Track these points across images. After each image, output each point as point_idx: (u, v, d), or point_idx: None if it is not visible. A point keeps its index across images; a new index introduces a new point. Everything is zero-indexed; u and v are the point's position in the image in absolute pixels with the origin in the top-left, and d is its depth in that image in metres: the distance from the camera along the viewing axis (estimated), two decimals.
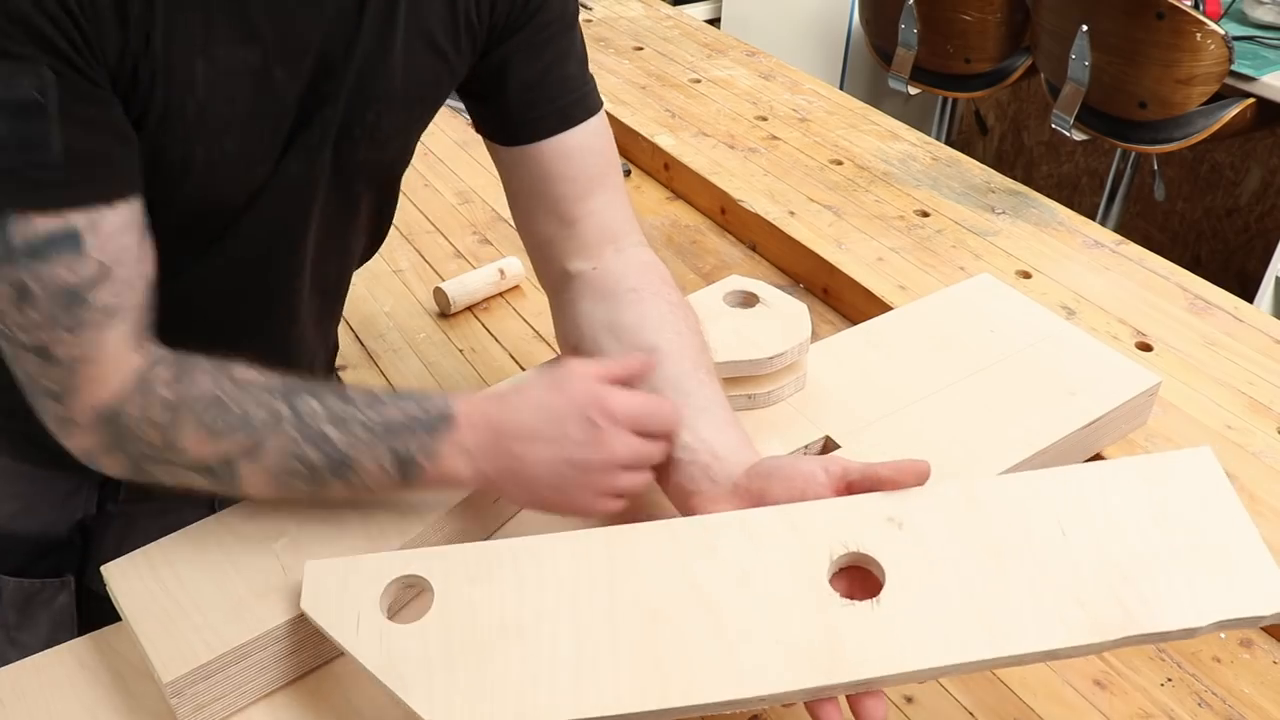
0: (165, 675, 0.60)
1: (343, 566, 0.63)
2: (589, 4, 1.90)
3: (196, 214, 0.67)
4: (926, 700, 0.71)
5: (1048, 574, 0.59)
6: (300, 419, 0.63)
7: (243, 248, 0.70)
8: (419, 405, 0.65)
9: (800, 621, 0.58)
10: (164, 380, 0.62)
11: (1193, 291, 1.13)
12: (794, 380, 0.88)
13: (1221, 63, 2.01)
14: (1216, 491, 0.65)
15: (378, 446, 0.64)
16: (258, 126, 0.64)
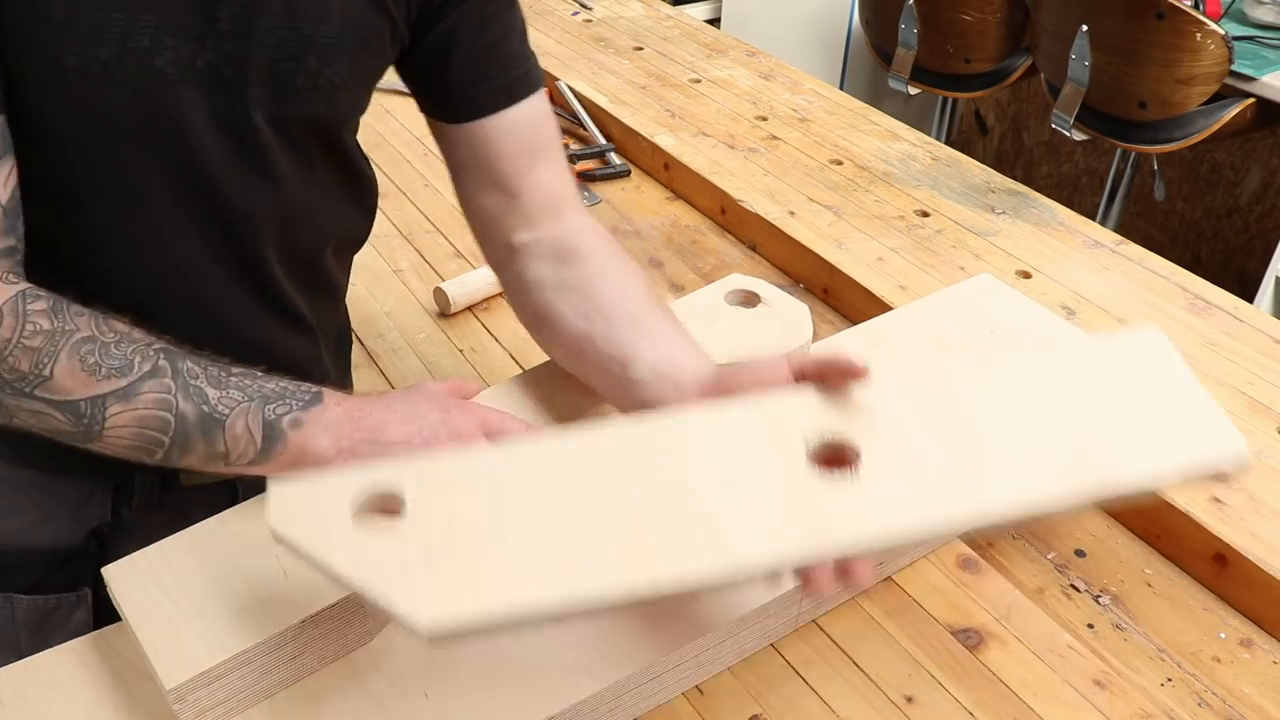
0: (168, 681, 0.60)
1: (310, 485, 0.59)
2: (589, 4, 1.90)
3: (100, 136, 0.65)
4: (926, 700, 0.71)
5: (1017, 440, 0.60)
6: (179, 374, 0.64)
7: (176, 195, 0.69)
8: (293, 385, 0.68)
9: (781, 498, 0.58)
10: (39, 310, 0.62)
11: (1193, 291, 1.13)
12: None
13: (1221, 63, 2.01)
14: (1169, 364, 0.67)
15: (250, 409, 0.65)
16: (138, 35, 0.62)
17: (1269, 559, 0.80)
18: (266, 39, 0.66)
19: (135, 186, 0.68)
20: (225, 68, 0.66)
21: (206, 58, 0.65)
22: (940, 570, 0.80)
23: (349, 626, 0.67)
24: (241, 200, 0.72)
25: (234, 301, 0.76)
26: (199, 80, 0.65)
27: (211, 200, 0.71)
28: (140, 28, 0.61)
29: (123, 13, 0.61)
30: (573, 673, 0.67)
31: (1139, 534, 0.88)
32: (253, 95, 0.67)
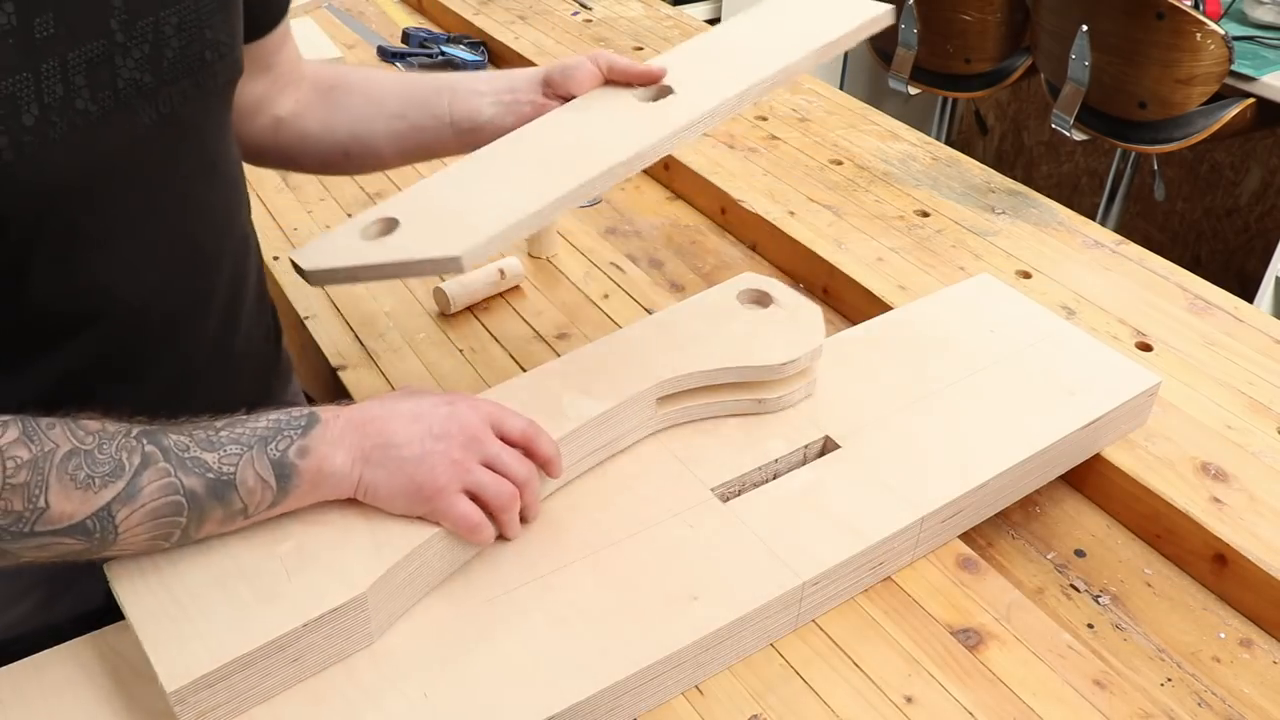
0: (169, 684, 0.60)
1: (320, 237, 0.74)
2: (589, 4, 1.90)
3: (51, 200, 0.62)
4: (926, 700, 0.71)
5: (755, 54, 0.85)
6: (170, 453, 0.62)
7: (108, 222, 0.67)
8: (283, 415, 0.66)
9: (638, 118, 0.81)
10: (11, 440, 0.57)
11: (1193, 291, 1.13)
12: (804, 386, 0.87)
13: (1221, 63, 2.01)
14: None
15: (255, 457, 0.64)
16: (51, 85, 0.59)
17: (1269, 559, 0.80)
18: (165, 30, 0.64)
19: (98, 235, 0.66)
20: (141, 76, 0.64)
21: (123, 75, 0.62)
22: (940, 570, 0.80)
23: (352, 629, 0.66)
24: (193, 202, 0.72)
25: (201, 299, 0.76)
26: (123, 104, 0.63)
27: (170, 219, 0.70)
28: (47, 78, 0.58)
29: (26, 70, 0.57)
30: (573, 673, 0.67)
31: (1139, 534, 0.88)
32: (172, 93, 0.66)
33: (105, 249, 0.67)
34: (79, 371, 0.70)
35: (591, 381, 0.82)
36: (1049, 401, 0.88)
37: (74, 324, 0.68)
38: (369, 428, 0.68)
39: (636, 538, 0.76)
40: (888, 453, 0.83)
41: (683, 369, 0.83)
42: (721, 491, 0.80)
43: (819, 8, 0.94)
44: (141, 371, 0.73)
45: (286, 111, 0.88)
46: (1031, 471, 0.85)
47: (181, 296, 0.74)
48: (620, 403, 0.80)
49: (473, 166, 0.79)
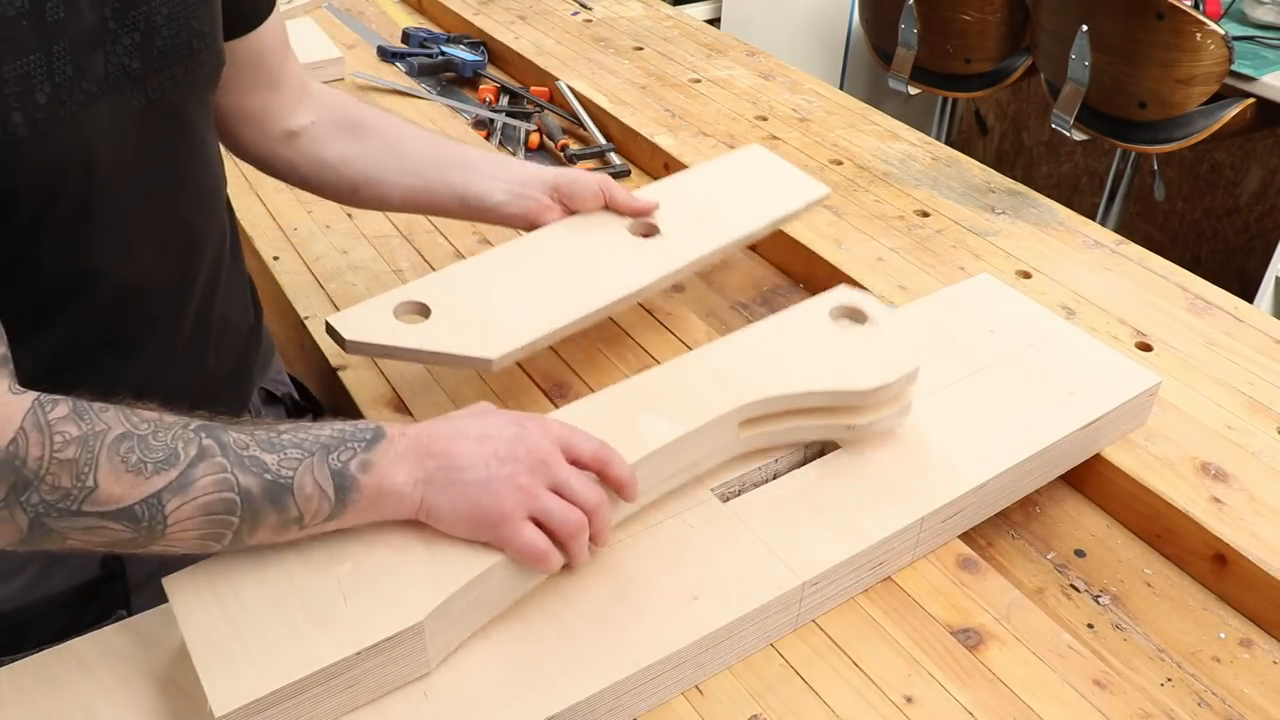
0: (218, 709, 0.58)
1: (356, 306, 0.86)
2: (589, 4, 1.90)
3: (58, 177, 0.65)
4: (926, 700, 0.71)
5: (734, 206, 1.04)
6: (228, 449, 0.60)
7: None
8: (349, 425, 0.65)
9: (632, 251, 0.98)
10: (61, 416, 0.57)
11: (1193, 291, 1.13)
12: (898, 411, 0.82)
13: (1221, 63, 2.01)
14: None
15: (315, 464, 0.62)
16: (61, 66, 0.62)
17: (1269, 559, 0.80)
18: (156, 20, 0.68)
19: (96, 214, 0.68)
20: (130, 62, 0.67)
21: (114, 61, 0.66)
22: (940, 570, 0.80)
23: (408, 657, 0.64)
24: (182, 184, 0.75)
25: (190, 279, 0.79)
26: (113, 87, 0.66)
27: (164, 199, 0.73)
28: (58, 59, 0.61)
29: (39, 51, 0.60)
30: (573, 673, 0.67)
31: (1139, 534, 0.88)
32: (161, 79, 0.69)
33: (107, 227, 0.69)
34: (77, 346, 0.71)
35: (671, 402, 0.77)
36: (1049, 401, 0.88)
37: (75, 299, 0.70)
38: (434, 447, 0.65)
39: (636, 538, 0.76)
40: (888, 453, 0.83)
41: (769, 391, 0.78)
42: (721, 491, 0.80)
43: (775, 181, 1.09)
44: (134, 346, 0.75)
45: (300, 128, 0.93)
46: (1031, 471, 0.85)
47: (172, 274, 0.76)
48: (700, 425, 0.76)
49: (494, 264, 0.92)
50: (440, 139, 0.98)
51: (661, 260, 0.95)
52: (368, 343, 0.82)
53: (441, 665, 0.67)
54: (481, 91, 1.60)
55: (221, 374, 0.86)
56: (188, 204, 0.76)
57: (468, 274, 0.91)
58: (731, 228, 1.01)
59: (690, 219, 1.01)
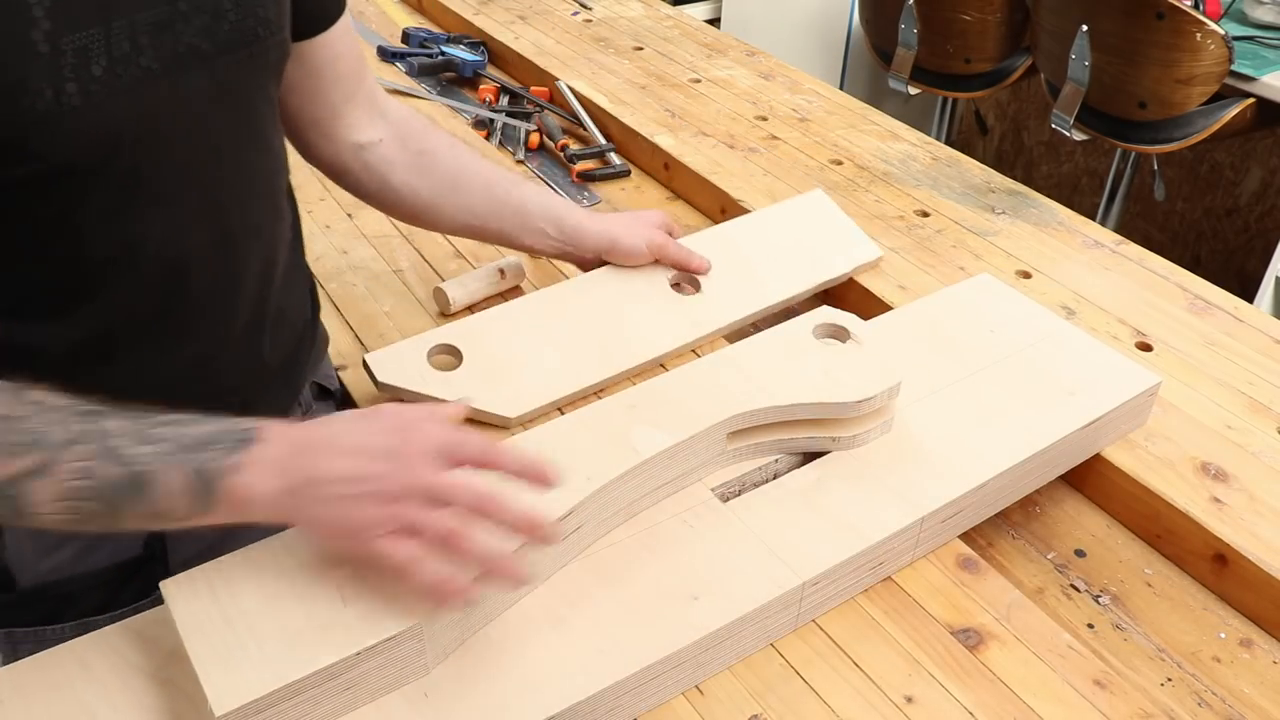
0: (218, 708, 0.59)
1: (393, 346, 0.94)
2: (589, 4, 1.90)
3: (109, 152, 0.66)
4: (927, 700, 0.71)
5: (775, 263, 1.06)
6: (100, 436, 0.61)
7: None
8: (224, 425, 0.64)
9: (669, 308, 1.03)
10: None
11: (1193, 291, 1.13)
12: (881, 425, 0.84)
13: (1221, 63, 2.01)
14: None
15: (180, 460, 0.61)
16: (118, 42, 0.63)
17: (1269, 559, 0.80)
18: (223, 4, 0.69)
19: (152, 190, 0.69)
20: (202, 44, 0.68)
21: (184, 41, 0.67)
22: (940, 570, 0.80)
23: (407, 659, 0.65)
24: (241, 167, 0.76)
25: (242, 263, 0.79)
26: (183, 67, 0.67)
27: (218, 181, 0.74)
28: (116, 35, 0.63)
29: (98, 26, 0.61)
30: (573, 673, 0.67)
31: (1139, 534, 0.88)
32: (227, 62, 0.70)
33: (156, 204, 0.70)
34: (121, 326, 0.72)
35: (661, 414, 0.80)
36: (1049, 401, 0.88)
37: (122, 273, 0.71)
38: (302, 460, 0.63)
39: (636, 538, 0.76)
40: (888, 453, 0.83)
41: (756, 404, 0.81)
42: (721, 491, 0.80)
43: (829, 237, 1.12)
44: (187, 328, 0.76)
45: (368, 143, 0.94)
46: (1031, 471, 0.85)
47: (222, 258, 0.76)
48: (690, 436, 0.78)
49: (531, 312, 0.98)
50: (502, 178, 0.99)
51: (697, 322, 1.00)
52: (398, 386, 0.90)
53: (441, 665, 0.67)
54: (481, 91, 1.60)
55: (275, 365, 0.86)
56: (242, 188, 0.77)
57: (504, 321, 0.98)
58: (773, 291, 1.05)
59: (735, 276, 1.04)
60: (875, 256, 1.12)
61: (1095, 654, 0.76)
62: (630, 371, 0.97)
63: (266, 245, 0.82)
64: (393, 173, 0.95)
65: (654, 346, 0.98)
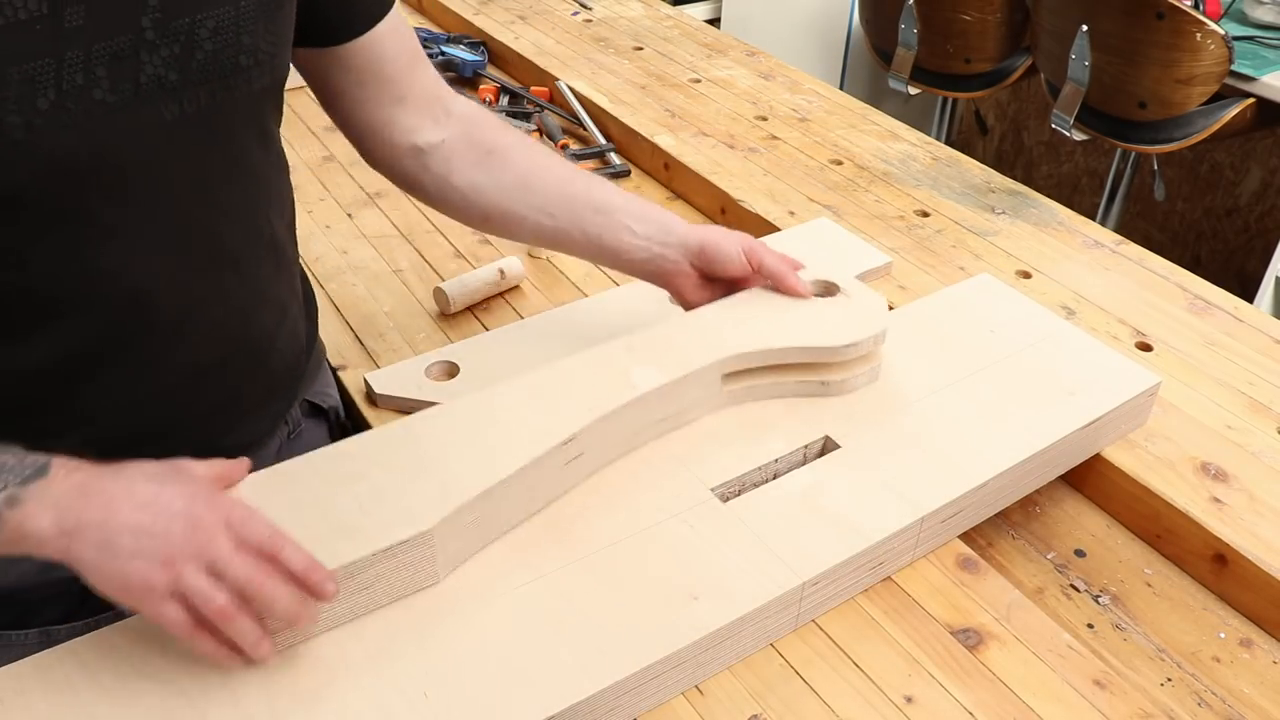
0: None
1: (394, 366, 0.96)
2: (589, 4, 1.90)
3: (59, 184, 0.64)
4: (926, 700, 0.71)
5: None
6: None
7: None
8: (19, 457, 0.62)
9: None
10: None
11: (1193, 291, 1.13)
12: (869, 370, 0.88)
13: (1221, 63, 2.01)
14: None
15: None
16: (70, 74, 0.61)
17: (1269, 559, 0.80)
18: (199, 33, 0.66)
19: (112, 222, 0.67)
20: (168, 75, 0.65)
21: (146, 71, 0.64)
22: (940, 570, 0.80)
23: (419, 564, 0.70)
24: (215, 198, 0.73)
25: (214, 293, 0.76)
26: (144, 99, 0.65)
27: (187, 213, 0.71)
28: (69, 66, 0.60)
29: (49, 57, 0.59)
30: (573, 673, 0.67)
31: (1139, 534, 0.88)
32: (201, 93, 0.67)
33: (115, 235, 0.68)
34: (83, 351, 0.71)
35: (660, 355, 0.84)
36: (1049, 401, 0.88)
37: (78, 304, 0.69)
38: (93, 501, 0.62)
39: (636, 538, 0.76)
40: (888, 453, 0.83)
41: (750, 346, 0.85)
42: (721, 491, 0.80)
43: (839, 253, 1.11)
44: (143, 359, 0.74)
45: (428, 145, 0.89)
46: (1031, 471, 0.85)
47: (186, 291, 0.74)
48: (685, 375, 0.82)
49: (534, 331, 0.97)
50: (576, 176, 0.91)
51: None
52: (394, 395, 0.94)
53: (441, 665, 0.67)
54: (481, 91, 1.60)
55: (260, 390, 0.84)
56: (217, 218, 0.74)
57: (505, 338, 1.00)
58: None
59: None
60: (885, 263, 1.12)
61: (1095, 654, 0.76)
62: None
63: (246, 276, 0.79)
64: (455, 174, 0.89)
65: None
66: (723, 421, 0.86)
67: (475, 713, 0.65)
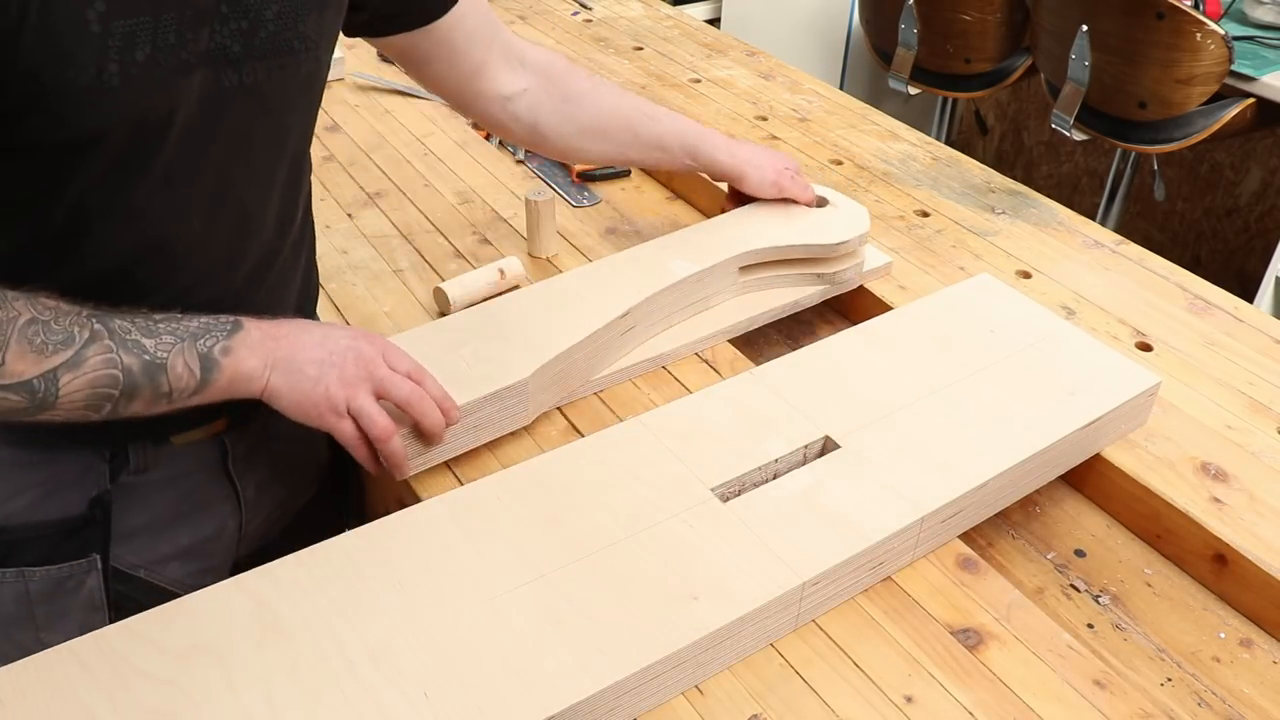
0: None
1: None
2: (589, 4, 1.90)
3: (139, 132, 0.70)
4: (926, 700, 0.71)
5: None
6: (114, 333, 0.70)
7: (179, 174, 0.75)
8: (212, 319, 0.75)
9: None
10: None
11: (1193, 291, 1.13)
12: (855, 265, 1.09)
13: (1221, 63, 2.01)
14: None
15: (185, 348, 0.72)
16: (164, 33, 0.67)
17: (1269, 559, 0.80)
18: (265, 13, 0.73)
19: (164, 173, 0.73)
20: (232, 45, 0.72)
21: (217, 40, 0.71)
22: (940, 570, 0.80)
23: (515, 408, 0.89)
24: (254, 168, 0.79)
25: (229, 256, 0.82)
26: (210, 63, 0.71)
27: (228, 176, 0.77)
28: (164, 25, 0.67)
29: (149, 15, 0.66)
30: (573, 673, 0.67)
31: (1139, 534, 0.88)
32: (258, 67, 0.74)
33: (169, 187, 0.74)
34: (110, 274, 0.76)
35: (690, 251, 1.04)
36: (1049, 401, 0.88)
37: (102, 240, 0.74)
38: (282, 341, 0.76)
39: (636, 538, 0.76)
40: (888, 453, 0.83)
41: (762, 244, 1.05)
42: (721, 491, 0.80)
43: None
44: (171, 293, 0.78)
45: (512, 93, 1.03)
46: (1031, 471, 0.85)
47: (217, 246, 0.80)
48: (713, 265, 1.02)
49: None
50: (642, 115, 1.07)
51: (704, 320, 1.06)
52: None
53: (442, 665, 0.67)
54: None
55: None
56: (251, 186, 0.80)
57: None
58: (784, 294, 1.10)
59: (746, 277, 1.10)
60: (885, 263, 1.14)
61: (1095, 654, 0.76)
62: (630, 370, 0.99)
63: (265, 244, 0.84)
64: (541, 119, 1.04)
65: (657, 344, 1.01)
66: (722, 421, 0.86)
67: (475, 713, 0.65)
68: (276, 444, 0.93)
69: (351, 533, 0.77)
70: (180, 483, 0.87)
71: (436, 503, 0.79)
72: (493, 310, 0.97)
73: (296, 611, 0.70)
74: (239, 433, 0.89)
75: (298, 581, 0.73)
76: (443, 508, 0.79)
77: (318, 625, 0.69)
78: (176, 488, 0.86)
